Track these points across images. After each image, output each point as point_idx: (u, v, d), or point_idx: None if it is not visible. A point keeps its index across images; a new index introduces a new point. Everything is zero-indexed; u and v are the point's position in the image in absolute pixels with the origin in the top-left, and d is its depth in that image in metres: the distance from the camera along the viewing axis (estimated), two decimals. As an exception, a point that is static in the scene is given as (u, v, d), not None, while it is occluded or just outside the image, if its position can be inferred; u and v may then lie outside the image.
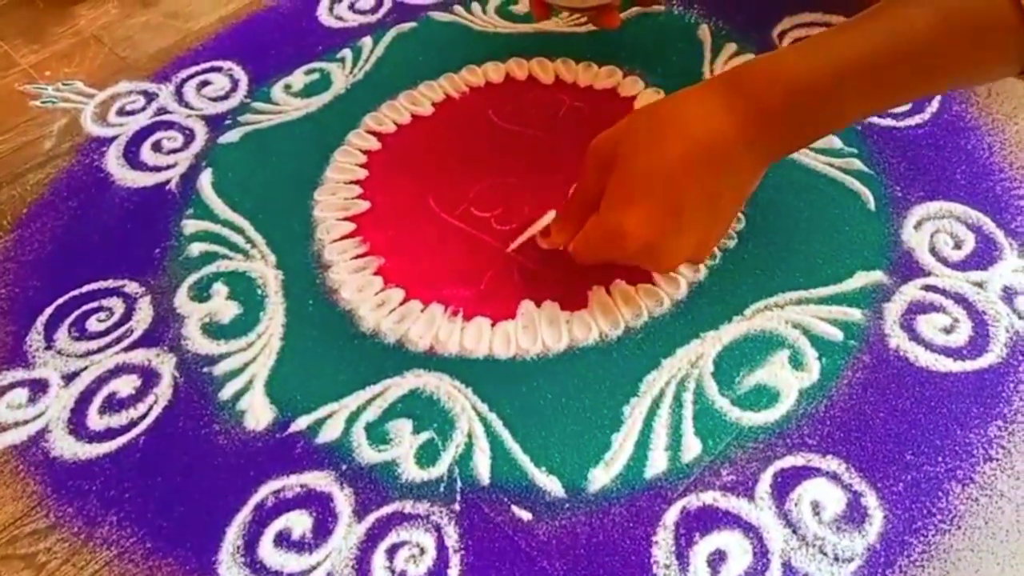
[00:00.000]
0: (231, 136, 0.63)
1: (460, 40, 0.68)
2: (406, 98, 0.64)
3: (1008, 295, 0.48)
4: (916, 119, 0.58)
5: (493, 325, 0.49)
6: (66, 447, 0.47)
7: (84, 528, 0.43)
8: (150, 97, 0.67)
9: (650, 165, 0.43)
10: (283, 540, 0.42)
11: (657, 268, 0.49)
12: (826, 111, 0.42)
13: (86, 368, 0.50)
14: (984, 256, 0.50)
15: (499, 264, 0.52)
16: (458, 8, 0.71)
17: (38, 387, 0.49)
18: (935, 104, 0.59)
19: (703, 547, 0.40)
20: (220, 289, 0.53)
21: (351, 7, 0.73)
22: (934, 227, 0.52)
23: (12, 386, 0.49)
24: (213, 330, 0.51)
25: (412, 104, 0.63)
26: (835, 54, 0.41)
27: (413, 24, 0.70)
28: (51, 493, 0.45)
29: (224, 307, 0.52)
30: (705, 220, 0.45)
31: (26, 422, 0.48)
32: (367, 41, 0.69)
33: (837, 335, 0.47)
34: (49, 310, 0.53)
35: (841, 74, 0.41)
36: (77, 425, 0.47)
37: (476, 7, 0.71)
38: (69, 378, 0.49)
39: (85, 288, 0.54)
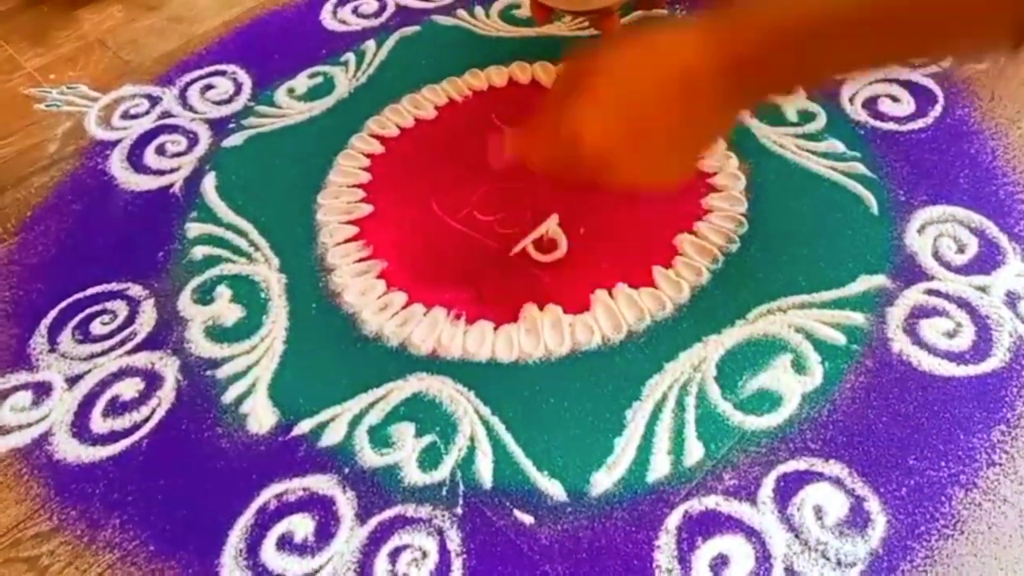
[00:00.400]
0: (235, 140, 0.63)
1: (463, 44, 0.69)
2: (409, 102, 0.64)
3: (1011, 299, 0.48)
4: (919, 123, 0.58)
5: (496, 328, 0.49)
6: (69, 450, 0.47)
7: (87, 531, 0.43)
8: (154, 101, 0.67)
9: (621, 82, 0.42)
10: (286, 543, 0.42)
11: (611, 183, 0.45)
12: (804, 60, 0.42)
13: (90, 371, 0.50)
14: (987, 260, 0.50)
15: (502, 268, 0.52)
16: (461, 12, 0.72)
17: (42, 390, 0.49)
18: (938, 108, 0.59)
19: (705, 551, 0.40)
20: (223, 292, 0.53)
21: (354, 11, 0.73)
22: (937, 231, 0.52)
23: (16, 389, 0.50)
24: (216, 333, 0.51)
25: (415, 108, 0.63)
26: (817, 6, 0.40)
27: (416, 28, 0.71)
28: (54, 496, 0.45)
29: (227, 310, 0.52)
30: (667, 147, 0.44)
31: (30, 425, 0.48)
32: (370, 45, 0.69)
33: (840, 339, 0.47)
34: (53, 313, 0.53)
35: (823, 25, 0.40)
36: (80, 428, 0.47)
37: (479, 11, 0.71)
38: (73, 381, 0.50)
39: (89, 291, 0.54)
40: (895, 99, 0.60)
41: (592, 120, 0.42)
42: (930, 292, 0.49)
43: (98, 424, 0.48)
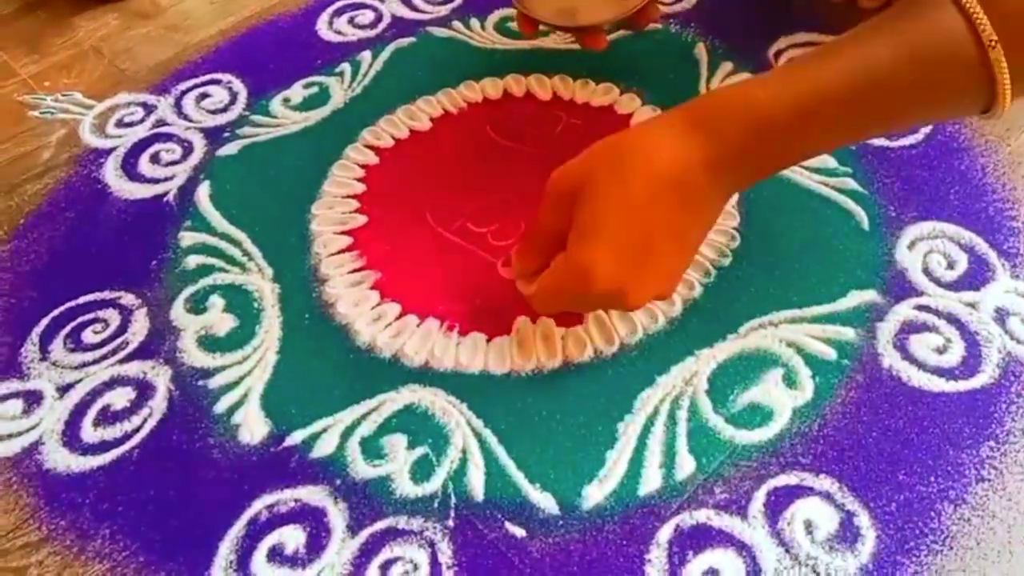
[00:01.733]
0: (229, 149, 0.63)
1: (458, 56, 0.69)
2: (404, 113, 0.64)
3: (1000, 316, 0.49)
4: (910, 140, 0.59)
5: (488, 341, 0.50)
6: (59, 459, 0.46)
7: (76, 541, 0.43)
8: (149, 109, 0.67)
9: (615, 201, 0.42)
10: (276, 555, 0.42)
11: (624, 307, 0.46)
12: (788, 145, 0.42)
13: (81, 380, 0.50)
14: (977, 277, 0.51)
15: (495, 280, 0.52)
16: (457, 24, 0.72)
17: (32, 399, 0.49)
18: (929, 125, 0.60)
19: (696, 565, 0.40)
20: (216, 302, 0.53)
21: (350, 21, 0.73)
22: (927, 247, 0.52)
23: (6, 397, 0.49)
24: (209, 343, 0.51)
25: (410, 119, 0.64)
26: (797, 89, 0.41)
27: (412, 39, 0.71)
28: (44, 506, 0.45)
29: (220, 320, 0.52)
30: (672, 255, 0.44)
31: (20, 434, 0.48)
32: (366, 56, 0.70)
33: (831, 354, 0.47)
34: (45, 321, 0.53)
35: (803, 109, 0.40)
36: (71, 437, 0.47)
37: (475, 23, 0.72)
38: (64, 390, 0.49)
39: (81, 299, 0.54)
40: (886, 115, 0.61)
41: (600, 259, 0.41)
42: (920, 308, 0.50)
43: (89, 434, 0.47)
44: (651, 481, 0.43)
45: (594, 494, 0.43)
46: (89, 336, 0.52)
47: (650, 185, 0.42)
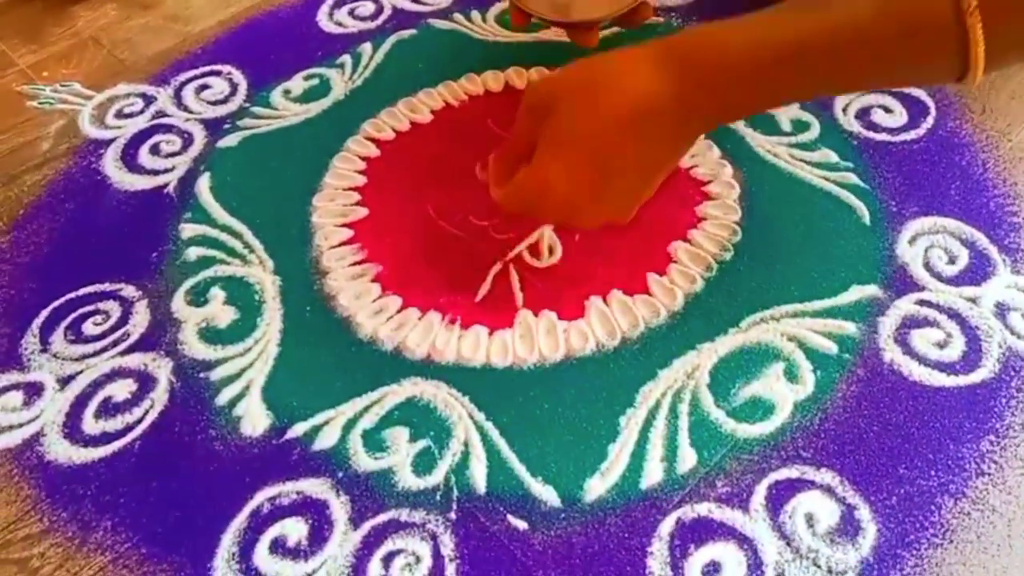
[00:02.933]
0: (230, 140, 0.63)
1: (460, 48, 0.69)
2: (405, 105, 0.64)
3: (1001, 311, 0.49)
4: (911, 134, 0.59)
5: (490, 334, 0.50)
6: (61, 451, 0.46)
7: (78, 533, 0.43)
8: (148, 100, 0.67)
9: (582, 122, 0.43)
10: (279, 547, 0.42)
11: (577, 223, 0.48)
12: (760, 89, 0.42)
13: (82, 372, 0.50)
14: (977, 272, 0.51)
15: (496, 273, 0.52)
16: (458, 16, 0.72)
17: (33, 390, 0.49)
18: (930, 120, 0.60)
19: (698, 558, 0.40)
20: (217, 294, 0.53)
21: (351, 13, 0.73)
22: (928, 242, 0.53)
23: (6, 389, 0.49)
24: (210, 335, 0.51)
25: (411, 111, 0.63)
26: (773, 34, 0.41)
27: (413, 31, 0.71)
28: (45, 497, 0.45)
29: (221, 312, 0.52)
30: (629, 183, 0.45)
31: (20, 425, 0.48)
32: (367, 47, 0.69)
33: (832, 348, 0.48)
34: (45, 313, 0.53)
35: (777, 55, 0.41)
36: (72, 429, 0.47)
37: (476, 15, 0.72)
38: (64, 382, 0.49)
39: (81, 291, 0.54)
40: (888, 110, 0.61)
41: (557, 170, 0.43)
42: (921, 303, 0.50)
43: (90, 425, 0.47)
44: (653, 474, 0.43)
45: (596, 487, 0.43)
46: (90, 328, 0.52)
47: (617, 109, 0.43)
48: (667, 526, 0.41)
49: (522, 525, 0.42)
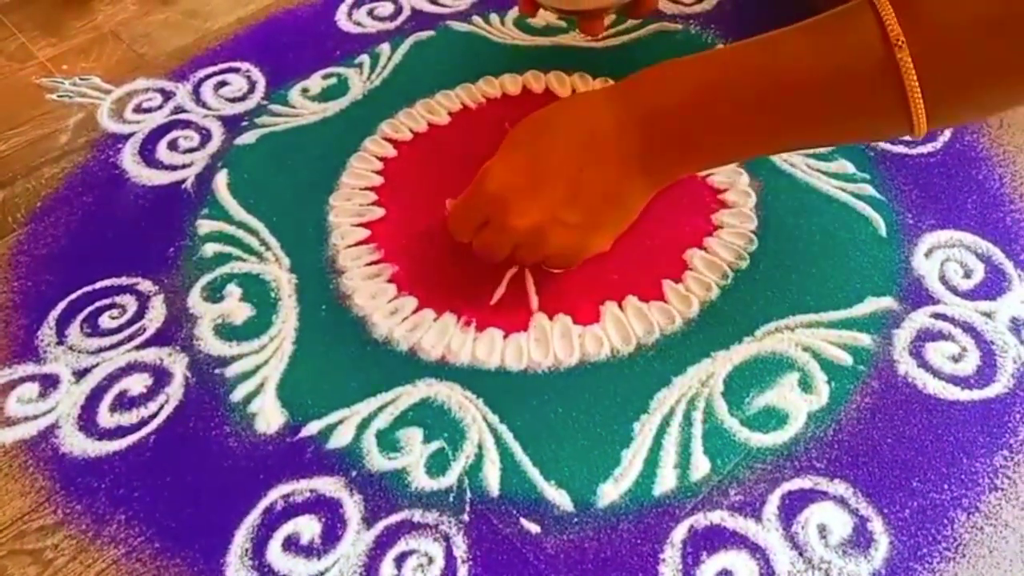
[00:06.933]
0: (248, 137, 0.63)
1: (478, 51, 0.69)
2: (423, 106, 0.64)
3: (1016, 326, 0.49)
4: (928, 148, 0.59)
5: (505, 337, 0.50)
6: (76, 443, 0.47)
7: (92, 526, 0.43)
8: (167, 95, 0.67)
9: (532, 131, 0.47)
10: (292, 545, 0.42)
11: (506, 221, 0.46)
12: (697, 127, 0.43)
13: (97, 365, 0.50)
14: (993, 286, 0.51)
15: (512, 276, 0.53)
16: (476, 19, 0.72)
17: (49, 382, 0.49)
18: (947, 134, 0.60)
19: (710, 566, 0.40)
20: (233, 290, 0.53)
21: (370, 13, 0.73)
22: (944, 255, 0.53)
23: (23, 380, 0.50)
24: (226, 331, 0.51)
25: (429, 113, 0.64)
26: (704, 72, 0.42)
27: (431, 33, 0.71)
28: (60, 489, 0.45)
29: (237, 309, 0.52)
30: (562, 188, 0.45)
31: (36, 417, 0.48)
32: (385, 48, 0.70)
33: (847, 359, 0.48)
34: (61, 305, 0.53)
35: (707, 92, 0.42)
36: (87, 422, 0.47)
37: (494, 18, 0.72)
38: (80, 374, 0.50)
39: (98, 284, 0.54)
40: (905, 122, 0.61)
41: (496, 166, 0.46)
42: (936, 316, 0.50)
43: (105, 419, 0.48)
44: (666, 481, 0.43)
45: (609, 493, 0.43)
46: (106, 321, 0.52)
47: (567, 129, 0.46)
48: (679, 533, 0.41)
49: (535, 529, 0.42)
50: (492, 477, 0.44)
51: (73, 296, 0.54)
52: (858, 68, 0.38)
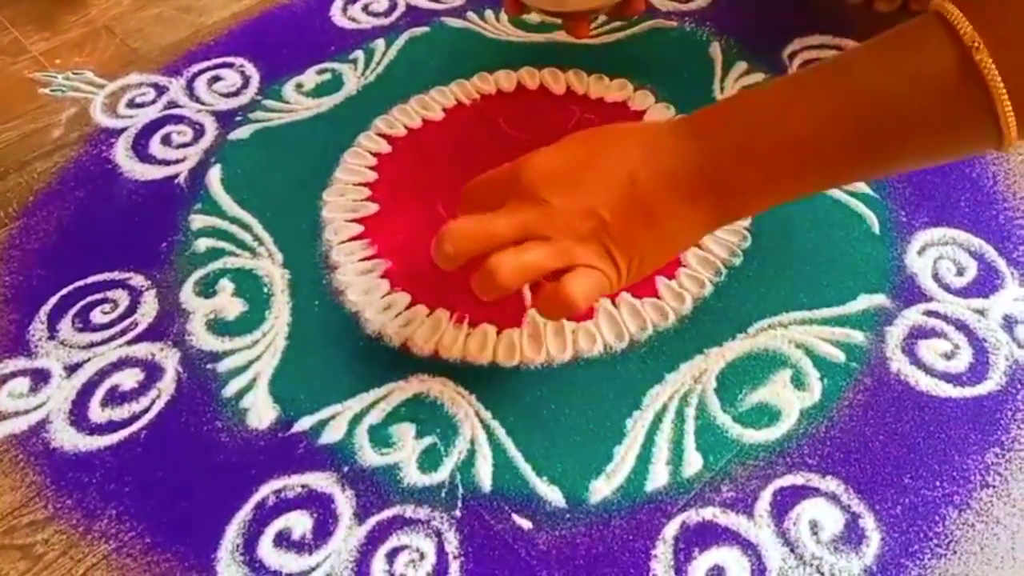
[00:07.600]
0: (241, 133, 0.63)
1: (472, 47, 0.69)
2: (417, 102, 0.64)
3: (1008, 323, 0.49)
4: (922, 145, 0.59)
5: (498, 333, 0.50)
6: (67, 438, 0.46)
7: (83, 521, 0.43)
8: (160, 90, 0.67)
9: (583, 136, 0.43)
10: (283, 540, 0.42)
11: (541, 216, 0.41)
12: (765, 180, 0.41)
13: (89, 360, 0.50)
14: (986, 284, 0.51)
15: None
16: (471, 15, 0.72)
17: (40, 377, 0.49)
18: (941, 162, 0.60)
19: (701, 562, 0.40)
20: (226, 286, 0.53)
21: (364, 9, 0.73)
22: (937, 253, 0.53)
23: (14, 375, 0.49)
24: (218, 326, 0.51)
25: (423, 108, 0.63)
26: (782, 115, 0.39)
27: (426, 29, 0.71)
28: (50, 484, 0.45)
29: (230, 304, 0.52)
30: (608, 192, 0.41)
31: (27, 411, 0.48)
32: (380, 44, 0.69)
33: (839, 356, 0.48)
34: (53, 300, 0.53)
35: (785, 132, 0.39)
36: (78, 417, 0.47)
37: (489, 14, 0.72)
38: (71, 369, 0.49)
39: (90, 279, 0.54)
40: (899, 120, 0.61)
41: (541, 156, 0.42)
42: (929, 313, 0.50)
43: (96, 413, 0.47)
44: (658, 477, 0.43)
45: (601, 489, 0.43)
46: (98, 316, 0.52)
47: (617, 132, 0.43)
48: (671, 529, 0.41)
49: (527, 524, 0.42)
50: (484, 473, 0.44)
51: (65, 291, 0.53)
52: (937, 78, 0.36)
